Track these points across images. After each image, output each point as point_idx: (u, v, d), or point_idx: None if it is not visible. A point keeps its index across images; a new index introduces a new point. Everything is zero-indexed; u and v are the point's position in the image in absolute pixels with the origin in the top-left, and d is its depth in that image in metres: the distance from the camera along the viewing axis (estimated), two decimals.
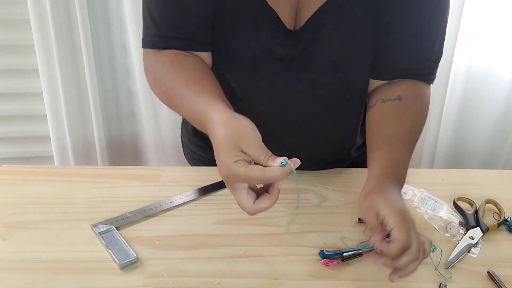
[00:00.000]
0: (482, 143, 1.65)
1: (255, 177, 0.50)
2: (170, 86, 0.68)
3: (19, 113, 1.54)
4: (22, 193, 0.71)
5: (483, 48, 1.48)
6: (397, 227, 0.52)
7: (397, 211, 0.53)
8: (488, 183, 0.79)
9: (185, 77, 0.67)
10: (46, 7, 1.31)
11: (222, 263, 0.58)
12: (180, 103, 0.66)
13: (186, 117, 0.67)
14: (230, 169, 0.51)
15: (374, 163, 0.63)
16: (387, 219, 0.52)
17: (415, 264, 0.52)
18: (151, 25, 0.70)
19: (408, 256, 0.51)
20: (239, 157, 0.52)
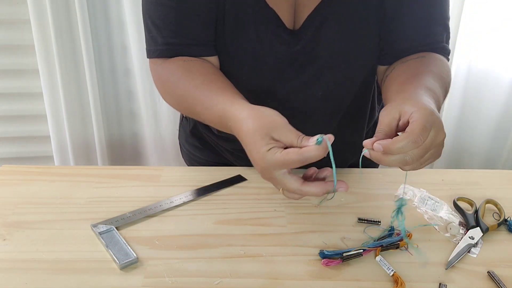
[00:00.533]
0: (482, 143, 1.65)
1: (293, 160, 0.49)
2: (184, 92, 0.67)
3: (19, 113, 1.54)
4: (22, 193, 0.71)
5: (483, 48, 1.48)
6: (420, 110, 0.48)
7: (426, 106, 0.50)
8: (488, 183, 0.79)
9: (198, 81, 0.66)
10: (46, 7, 1.31)
11: (222, 263, 0.58)
12: (197, 107, 0.65)
13: (206, 120, 0.66)
14: (266, 159, 0.50)
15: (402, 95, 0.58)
16: (411, 114, 0.49)
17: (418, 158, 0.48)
18: (155, 33, 0.69)
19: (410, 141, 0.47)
20: (271, 145, 0.51)
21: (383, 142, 0.49)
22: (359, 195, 0.74)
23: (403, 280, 0.55)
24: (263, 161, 0.50)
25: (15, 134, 1.57)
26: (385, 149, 0.49)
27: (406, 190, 0.73)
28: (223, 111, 0.59)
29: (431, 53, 0.71)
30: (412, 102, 0.51)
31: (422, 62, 0.68)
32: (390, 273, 0.56)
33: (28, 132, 1.58)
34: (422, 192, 0.71)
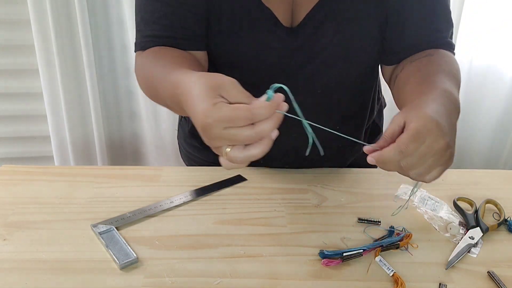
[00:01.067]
0: (482, 143, 1.65)
1: (241, 116, 0.44)
2: (150, 74, 0.65)
3: (19, 113, 1.54)
4: (22, 193, 0.71)
5: (483, 48, 1.48)
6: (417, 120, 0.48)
7: (426, 115, 0.49)
8: (488, 183, 0.79)
9: (163, 62, 0.64)
10: (46, 7, 1.31)
11: (222, 263, 0.58)
12: (157, 86, 0.62)
13: (163, 99, 0.61)
14: (210, 114, 0.44)
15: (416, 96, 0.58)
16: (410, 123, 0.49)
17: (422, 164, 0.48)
18: (142, 27, 0.70)
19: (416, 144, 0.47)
20: (218, 100, 0.46)
21: (374, 154, 0.50)
22: (359, 195, 0.74)
23: (403, 280, 0.55)
24: (207, 117, 0.45)
25: (15, 134, 1.57)
26: (377, 160, 0.50)
27: (406, 190, 0.73)
28: (175, 82, 0.54)
29: (438, 49, 0.70)
30: (416, 109, 0.51)
31: (431, 60, 0.67)
32: (390, 273, 0.56)
33: (28, 132, 1.58)
34: (422, 192, 0.71)
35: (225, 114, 0.45)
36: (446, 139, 0.50)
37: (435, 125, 0.49)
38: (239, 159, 0.47)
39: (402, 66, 0.72)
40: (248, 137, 0.46)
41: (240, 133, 0.46)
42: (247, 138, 0.46)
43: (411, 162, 0.49)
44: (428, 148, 0.49)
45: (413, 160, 0.49)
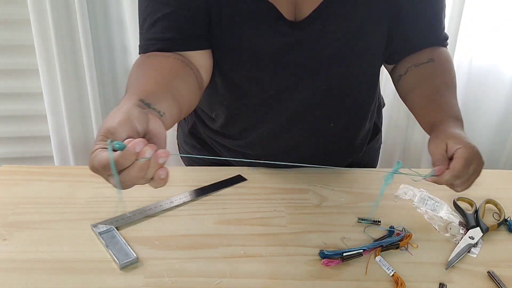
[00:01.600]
0: (482, 144, 1.65)
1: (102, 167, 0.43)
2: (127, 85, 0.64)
3: (19, 113, 1.54)
4: (22, 193, 0.71)
5: (483, 48, 1.48)
6: (464, 149, 0.58)
7: (468, 144, 0.59)
8: (488, 183, 0.79)
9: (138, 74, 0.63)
10: (46, 7, 1.31)
11: (222, 263, 0.58)
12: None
13: None
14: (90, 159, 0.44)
15: (433, 114, 0.68)
16: (456, 151, 0.58)
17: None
18: (144, 30, 0.69)
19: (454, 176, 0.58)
20: (101, 144, 0.45)
21: (434, 179, 0.60)
22: (359, 195, 0.74)
23: (403, 280, 0.55)
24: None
25: (15, 134, 1.57)
26: (436, 182, 0.60)
27: (406, 190, 0.73)
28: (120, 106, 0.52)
29: (437, 50, 0.75)
30: (455, 140, 0.60)
31: (434, 69, 0.73)
32: (390, 273, 0.56)
33: (28, 132, 1.57)
34: (422, 192, 0.71)
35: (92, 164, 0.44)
36: (483, 161, 0.60)
37: (477, 152, 0.60)
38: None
39: (405, 68, 0.75)
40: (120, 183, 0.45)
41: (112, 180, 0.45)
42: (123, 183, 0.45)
43: (461, 182, 0.60)
44: (473, 171, 0.59)
45: (463, 180, 0.60)
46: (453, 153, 0.59)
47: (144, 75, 0.63)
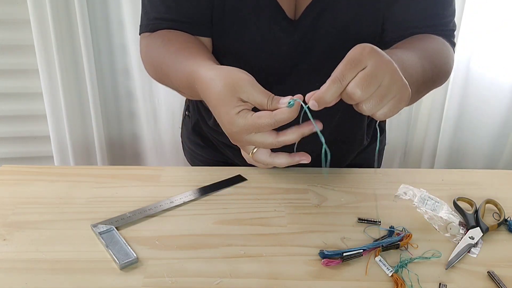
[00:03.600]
0: (483, 144, 1.65)
1: (265, 124, 0.47)
2: (160, 59, 0.65)
3: (19, 113, 1.54)
4: (22, 193, 0.71)
5: (484, 46, 1.48)
6: (355, 48, 0.47)
7: (361, 44, 0.48)
8: (488, 183, 0.79)
9: (173, 48, 0.64)
10: (46, 7, 1.31)
11: (222, 263, 0.58)
12: (169, 72, 0.63)
13: (177, 85, 0.63)
14: (235, 123, 0.47)
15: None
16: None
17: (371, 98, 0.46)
18: (149, 9, 0.69)
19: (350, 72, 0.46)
20: (240, 107, 0.48)
21: (314, 95, 0.49)
22: (359, 195, 0.74)
23: (402, 280, 0.55)
24: (233, 125, 0.48)
25: (15, 134, 1.57)
26: (318, 100, 0.49)
27: (406, 190, 0.73)
28: (191, 73, 0.56)
29: (430, 34, 0.70)
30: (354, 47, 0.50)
31: (410, 39, 0.67)
32: (389, 274, 0.56)
33: (28, 132, 1.58)
34: (422, 192, 0.71)
35: (249, 123, 0.47)
36: (392, 62, 0.48)
37: (373, 49, 0.48)
38: (264, 162, 0.52)
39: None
40: (270, 144, 0.49)
41: (264, 141, 0.49)
42: (270, 145, 0.50)
43: (355, 91, 0.47)
44: (370, 71, 0.46)
45: (357, 89, 0.47)
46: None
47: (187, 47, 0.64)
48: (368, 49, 0.47)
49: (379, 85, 0.47)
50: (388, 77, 0.47)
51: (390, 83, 0.47)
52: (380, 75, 0.47)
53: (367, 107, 0.48)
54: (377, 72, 0.47)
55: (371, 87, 0.47)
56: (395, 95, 0.48)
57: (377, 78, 0.47)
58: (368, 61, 0.47)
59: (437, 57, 0.66)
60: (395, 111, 0.49)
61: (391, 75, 0.47)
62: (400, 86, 0.48)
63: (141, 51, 0.73)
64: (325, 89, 0.48)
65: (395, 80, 0.48)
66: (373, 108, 0.48)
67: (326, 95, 0.48)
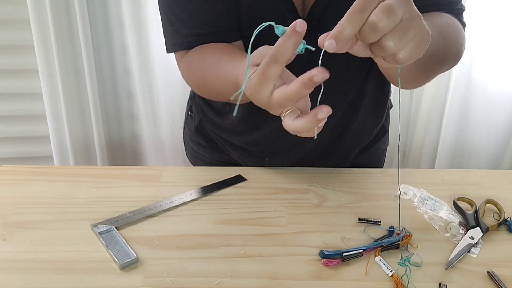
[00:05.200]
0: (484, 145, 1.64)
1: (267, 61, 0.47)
2: (202, 70, 0.66)
3: (19, 113, 1.54)
4: (22, 193, 0.71)
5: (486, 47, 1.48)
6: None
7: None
8: (488, 183, 0.79)
9: (214, 57, 0.65)
10: (46, 7, 1.31)
11: (222, 263, 0.58)
12: (213, 80, 0.64)
13: (224, 92, 0.61)
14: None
15: None
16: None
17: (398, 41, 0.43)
18: (179, 26, 0.69)
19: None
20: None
21: (331, 34, 0.46)
22: (359, 195, 0.74)
23: (402, 280, 0.55)
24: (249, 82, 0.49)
25: (15, 134, 1.57)
26: (337, 39, 0.45)
27: (406, 190, 0.73)
28: (236, 74, 0.57)
29: (439, 12, 0.68)
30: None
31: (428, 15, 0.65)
32: (389, 274, 0.56)
33: (28, 132, 1.58)
34: (422, 192, 0.71)
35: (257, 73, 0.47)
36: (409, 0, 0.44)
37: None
38: (289, 127, 0.49)
39: None
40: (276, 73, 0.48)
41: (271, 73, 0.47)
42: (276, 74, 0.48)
43: (377, 17, 0.43)
44: (389, 2, 0.43)
45: (379, 15, 0.42)
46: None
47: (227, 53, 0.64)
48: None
49: (401, 18, 0.43)
50: (409, 11, 0.44)
51: (412, 17, 0.44)
52: (401, 6, 0.43)
53: (392, 41, 0.44)
54: (398, 3, 0.43)
55: (395, 16, 0.43)
56: (417, 32, 0.45)
57: (399, 9, 0.43)
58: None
59: (448, 31, 0.63)
60: (419, 52, 0.46)
61: (411, 9, 0.44)
62: (420, 22, 0.45)
63: (183, 71, 0.73)
64: (344, 22, 0.44)
65: (416, 14, 0.45)
66: (398, 43, 0.44)
67: (346, 29, 0.44)
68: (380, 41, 0.44)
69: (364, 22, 0.44)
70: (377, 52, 0.46)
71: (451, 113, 1.60)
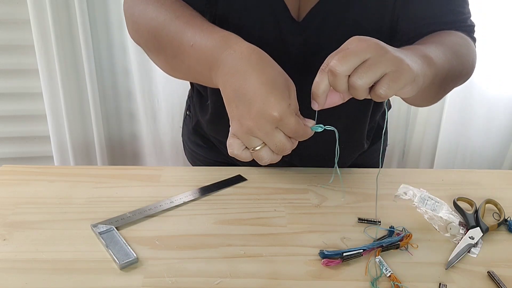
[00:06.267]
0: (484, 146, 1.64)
1: (300, 132, 0.48)
2: (157, 21, 0.58)
3: (19, 113, 1.54)
4: (22, 193, 0.71)
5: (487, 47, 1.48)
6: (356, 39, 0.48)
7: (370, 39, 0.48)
8: (488, 183, 0.79)
9: (175, 11, 0.58)
10: (46, 7, 1.31)
11: (222, 263, 0.58)
12: (176, 37, 0.56)
13: (187, 54, 0.56)
14: (284, 113, 0.46)
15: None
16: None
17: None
18: None
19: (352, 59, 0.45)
20: (288, 102, 0.48)
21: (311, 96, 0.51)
22: (359, 195, 0.74)
23: (400, 280, 0.55)
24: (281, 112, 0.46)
25: (15, 134, 1.57)
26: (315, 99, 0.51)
27: (406, 190, 0.73)
28: (224, 34, 0.52)
29: (450, 31, 0.69)
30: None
31: (429, 36, 0.67)
32: (387, 274, 0.56)
33: (28, 132, 1.58)
34: (422, 192, 0.71)
35: (294, 123, 0.47)
36: (374, 44, 0.47)
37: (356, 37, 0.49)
38: (264, 161, 0.50)
39: None
40: (286, 148, 0.50)
41: (284, 141, 0.49)
42: (285, 149, 0.50)
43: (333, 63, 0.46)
44: (349, 50, 0.47)
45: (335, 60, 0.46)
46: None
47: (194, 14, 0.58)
48: (352, 39, 0.49)
49: (363, 60, 0.47)
50: (374, 51, 0.47)
51: (378, 55, 0.47)
52: (362, 52, 0.46)
53: (357, 78, 0.47)
54: (358, 49, 0.47)
55: (352, 58, 0.46)
56: (388, 66, 0.47)
57: (359, 54, 0.46)
58: (349, 45, 0.48)
59: (459, 49, 0.65)
60: (400, 85, 0.48)
61: (376, 48, 0.47)
62: (389, 59, 0.47)
63: (125, 13, 0.64)
64: (315, 81, 0.50)
65: (383, 52, 0.47)
66: (364, 79, 0.46)
67: (316, 88, 0.49)
68: (349, 81, 0.47)
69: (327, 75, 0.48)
70: (353, 93, 0.49)
71: (449, 114, 1.60)
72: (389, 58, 0.47)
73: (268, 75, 0.48)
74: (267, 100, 0.46)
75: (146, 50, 0.65)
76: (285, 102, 0.47)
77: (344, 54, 0.46)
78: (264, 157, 0.50)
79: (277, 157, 0.51)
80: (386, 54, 0.47)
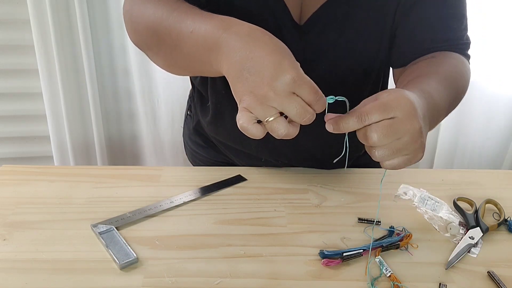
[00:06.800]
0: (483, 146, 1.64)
1: (318, 95, 0.46)
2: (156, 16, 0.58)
3: (19, 113, 1.54)
4: (22, 193, 0.71)
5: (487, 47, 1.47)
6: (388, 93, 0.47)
7: (395, 90, 0.48)
8: (488, 183, 0.79)
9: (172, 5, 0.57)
10: (46, 7, 1.31)
11: (222, 263, 0.58)
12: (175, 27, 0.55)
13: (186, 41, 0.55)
14: (300, 73, 0.46)
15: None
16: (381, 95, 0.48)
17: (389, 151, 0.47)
18: None
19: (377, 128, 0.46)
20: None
21: (332, 119, 0.50)
22: (359, 195, 0.74)
23: (400, 280, 0.55)
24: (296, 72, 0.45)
25: (15, 134, 1.57)
26: (334, 127, 0.50)
27: (406, 190, 0.73)
28: (221, 19, 0.51)
29: (445, 52, 0.70)
30: (391, 89, 0.51)
31: (430, 63, 0.67)
32: (387, 274, 0.56)
33: (28, 132, 1.58)
34: (422, 192, 0.71)
35: (308, 81, 0.46)
36: (419, 122, 0.48)
37: (408, 102, 0.48)
38: (280, 132, 0.48)
39: (406, 69, 0.71)
40: (306, 112, 0.47)
41: (303, 105, 0.47)
42: (306, 114, 0.47)
43: (372, 135, 0.47)
44: (394, 123, 0.47)
45: (375, 134, 0.47)
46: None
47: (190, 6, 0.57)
48: (404, 100, 0.48)
49: (398, 139, 0.48)
50: (409, 136, 0.47)
51: (409, 142, 0.48)
52: (402, 130, 0.47)
53: (378, 153, 0.49)
54: (402, 127, 0.47)
55: (390, 137, 0.47)
56: (409, 153, 0.49)
57: (398, 132, 0.47)
58: (398, 111, 0.47)
59: (458, 81, 0.66)
60: (403, 166, 0.50)
61: (412, 134, 0.48)
62: (417, 147, 0.49)
63: (124, 14, 0.64)
64: (345, 119, 0.49)
65: (415, 140, 0.48)
66: (383, 157, 0.49)
67: (343, 125, 0.49)
68: (370, 147, 0.50)
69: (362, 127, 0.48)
70: (368, 151, 0.50)
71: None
72: (418, 147, 0.49)
73: (275, 45, 0.48)
74: (280, 64, 0.46)
75: (146, 50, 0.65)
76: (298, 65, 0.46)
77: (386, 129, 0.47)
78: (278, 128, 0.47)
79: (293, 129, 0.48)
80: (418, 141, 0.48)
